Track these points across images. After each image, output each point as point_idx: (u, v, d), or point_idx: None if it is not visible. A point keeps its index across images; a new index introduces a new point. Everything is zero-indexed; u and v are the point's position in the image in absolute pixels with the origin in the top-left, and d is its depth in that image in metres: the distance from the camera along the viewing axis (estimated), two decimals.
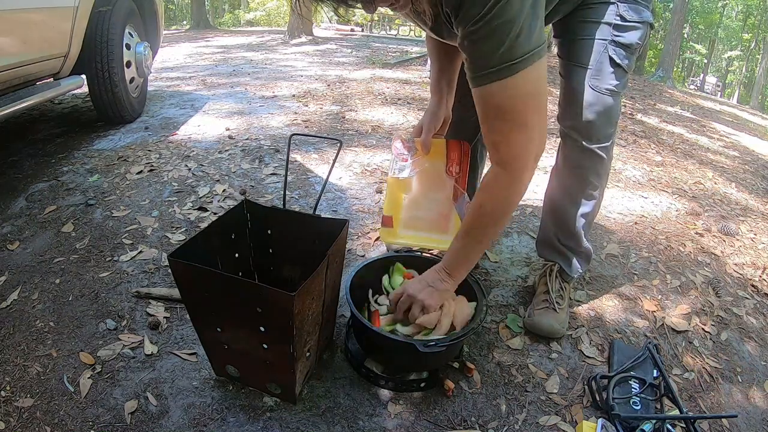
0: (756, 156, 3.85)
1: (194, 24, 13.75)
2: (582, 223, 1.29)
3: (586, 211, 1.28)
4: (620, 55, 1.11)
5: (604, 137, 1.16)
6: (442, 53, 1.25)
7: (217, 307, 0.95)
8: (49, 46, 2.00)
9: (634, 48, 1.13)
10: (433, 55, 1.27)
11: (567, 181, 1.26)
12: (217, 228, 1.10)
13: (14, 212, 1.77)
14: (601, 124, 1.14)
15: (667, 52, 12.68)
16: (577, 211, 1.27)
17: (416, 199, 1.29)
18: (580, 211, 1.27)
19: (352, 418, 1.05)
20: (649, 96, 6.16)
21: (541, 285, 1.40)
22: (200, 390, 1.08)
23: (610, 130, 1.17)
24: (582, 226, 1.30)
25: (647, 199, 2.33)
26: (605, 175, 1.26)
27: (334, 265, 1.06)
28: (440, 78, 1.25)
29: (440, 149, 1.31)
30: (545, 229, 1.39)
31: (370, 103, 3.55)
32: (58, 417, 1.01)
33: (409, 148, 1.27)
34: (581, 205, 1.27)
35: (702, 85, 24.60)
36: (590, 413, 1.12)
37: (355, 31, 14.77)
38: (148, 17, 2.98)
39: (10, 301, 1.33)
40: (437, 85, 1.25)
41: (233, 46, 7.77)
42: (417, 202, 1.28)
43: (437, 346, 1.00)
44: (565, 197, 1.28)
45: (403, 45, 9.21)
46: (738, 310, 1.58)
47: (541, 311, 1.32)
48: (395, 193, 1.29)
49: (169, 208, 1.81)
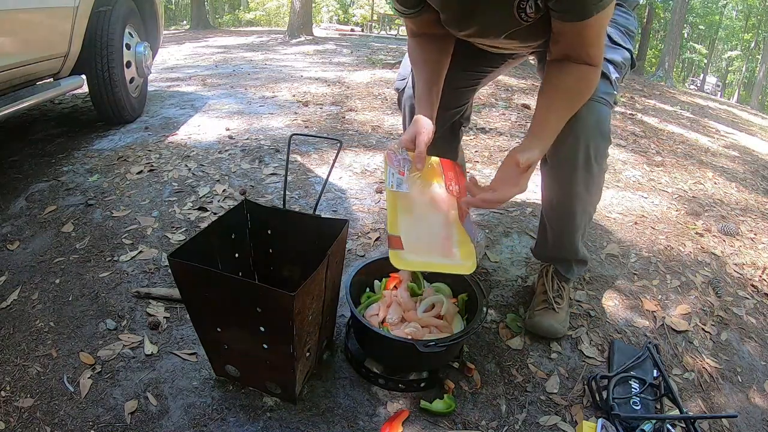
0: (756, 156, 3.85)
1: (194, 24, 13.74)
2: (576, 235, 1.27)
3: (579, 223, 1.24)
4: (608, 69, 1.11)
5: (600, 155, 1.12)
6: (431, 63, 1.20)
7: (217, 307, 0.95)
8: (49, 46, 2.00)
9: (620, 65, 1.14)
10: (423, 66, 1.21)
11: (558, 194, 1.21)
12: (217, 228, 1.10)
13: (14, 212, 1.77)
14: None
15: (667, 52, 12.68)
16: (571, 223, 1.24)
17: (417, 219, 1.16)
18: (574, 223, 1.24)
19: (352, 418, 1.05)
20: (649, 96, 6.16)
21: (540, 285, 1.40)
22: (200, 390, 1.08)
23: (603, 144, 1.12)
24: (576, 239, 1.28)
25: (647, 199, 2.33)
26: (598, 191, 1.22)
27: (334, 265, 1.06)
28: (431, 88, 1.18)
29: (435, 166, 1.22)
30: (540, 238, 1.39)
31: (370, 104, 3.55)
32: (58, 417, 1.01)
33: (404, 161, 1.17)
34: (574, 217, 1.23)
35: (702, 85, 24.61)
36: (590, 413, 1.12)
37: (355, 30, 14.77)
38: (148, 17, 2.97)
39: (10, 301, 1.33)
40: (428, 96, 1.18)
41: (233, 46, 7.76)
42: (418, 223, 1.15)
43: (437, 346, 1.00)
44: (557, 209, 1.25)
45: (403, 45, 9.21)
46: (738, 310, 1.58)
47: (540, 311, 1.32)
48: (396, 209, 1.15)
49: (169, 208, 1.81)
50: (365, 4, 22.34)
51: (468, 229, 1.12)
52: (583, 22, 0.92)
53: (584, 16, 0.90)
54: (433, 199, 1.18)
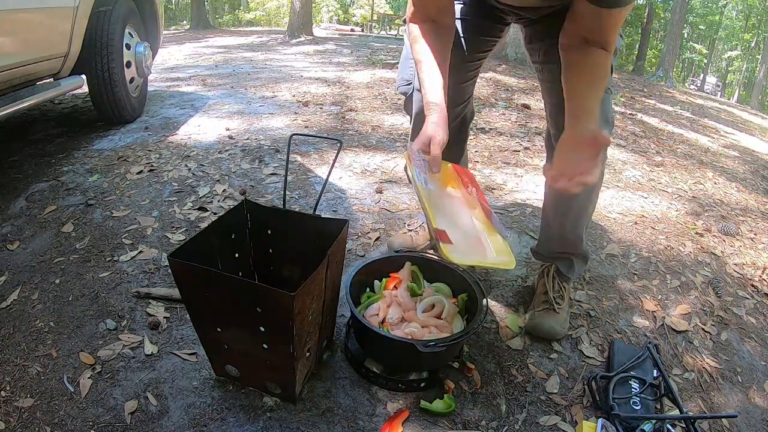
0: (756, 156, 3.85)
1: (194, 24, 13.74)
2: (578, 230, 1.29)
3: (582, 218, 1.27)
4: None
5: None
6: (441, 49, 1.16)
7: (217, 307, 0.95)
8: (49, 46, 2.00)
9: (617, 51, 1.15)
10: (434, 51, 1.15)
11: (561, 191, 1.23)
12: (217, 228, 1.10)
13: (14, 212, 1.77)
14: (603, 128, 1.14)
15: (667, 52, 12.68)
16: (574, 218, 1.26)
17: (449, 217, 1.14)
18: (576, 218, 1.26)
19: (352, 418, 1.05)
20: (649, 96, 6.16)
21: (540, 286, 1.40)
22: (200, 390, 1.08)
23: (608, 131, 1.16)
24: (581, 228, 1.30)
25: (647, 199, 2.33)
26: (602, 176, 1.24)
27: (334, 265, 1.06)
28: (442, 73, 1.13)
29: (449, 170, 1.23)
30: (543, 236, 1.40)
31: (370, 104, 3.55)
32: (58, 417, 1.01)
33: (423, 163, 1.13)
34: (577, 213, 1.26)
35: (702, 85, 24.60)
36: (590, 413, 1.12)
37: (355, 30, 14.77)
38: (148, 17, 2.97)
39: (10, 301, 1.33)
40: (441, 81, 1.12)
41: (233, 46, 7.76)
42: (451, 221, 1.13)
43: (437, 346, 1.00)
44: (560, 206, 1.27)
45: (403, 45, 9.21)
46: (738, 310, 1.58)
47: (541, 312, 1.32)
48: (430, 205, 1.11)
49: (169, 208, 1.81)
50: (365, 4, 22.35)
51: (497, 225, 1.15)
52: (612, 10, 0.94)
53: (617, 5, 0.93)
54: (458, 201, 1.20)
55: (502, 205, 2.04)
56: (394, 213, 1.89)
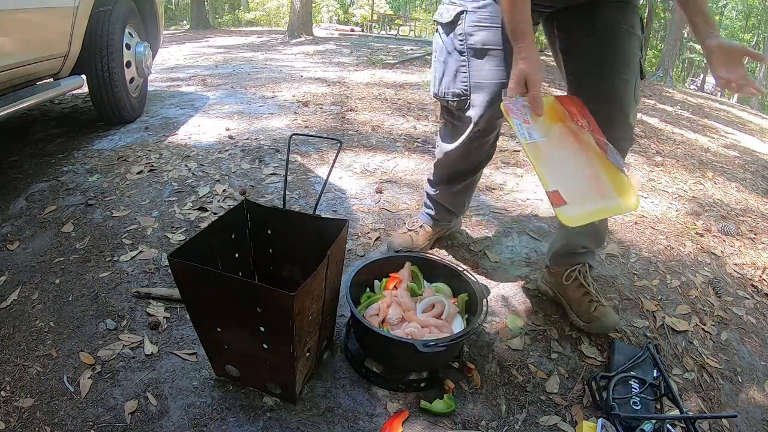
0: (756, 156, 3.85)
1: (194, 24, 13.74)
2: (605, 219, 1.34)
3: None
4: None
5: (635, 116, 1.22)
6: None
7: (217, 307, 0.95)
8: (49, 46, 2.00)
9: None
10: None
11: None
12: (217, 228, 1.11)
13: (14, 212, 1.77)
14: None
15: (667, 52, 12.67)
16: None
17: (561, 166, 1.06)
18: None
19: (352, 418, 1.05)
20: (649, 96, 6.16)
21: (575, 289, 1.35)
22: (200, 390, 1.08)
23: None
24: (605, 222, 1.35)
25: (647, 199, 2.33)
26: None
27: (334, 265, 1.06)
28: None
29: (553, 106, 1.12)
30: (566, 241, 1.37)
31: (370, 104, 3.55)
32: (58, 417, 1.01)
33: (523, 108, 1.06)
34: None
35: (702, 85, 24.56)
36: (590, 413, 1.12)
37: (355, 30, 14.77)
38: (148, 17, 2.97)
39: (10, 301, 1.33)
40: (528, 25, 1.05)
41: (233, 46, 7.76)
42: (564, 170, 1.05)
43: (437, 346, 1.00)
44: None
45: (403, 45, 9.21)
46: (738, 310, 1.58)
47: (597, 312, 1.30)
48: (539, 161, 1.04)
49: (169, 208, 1.81)
50: (365, 4, 22.33)
51: (614, 160, 1.06)
52: None
53: None
54: (569, 140, 1.10)
55: (501, 205, 2.04)
56: (394, 213, 1.89)
